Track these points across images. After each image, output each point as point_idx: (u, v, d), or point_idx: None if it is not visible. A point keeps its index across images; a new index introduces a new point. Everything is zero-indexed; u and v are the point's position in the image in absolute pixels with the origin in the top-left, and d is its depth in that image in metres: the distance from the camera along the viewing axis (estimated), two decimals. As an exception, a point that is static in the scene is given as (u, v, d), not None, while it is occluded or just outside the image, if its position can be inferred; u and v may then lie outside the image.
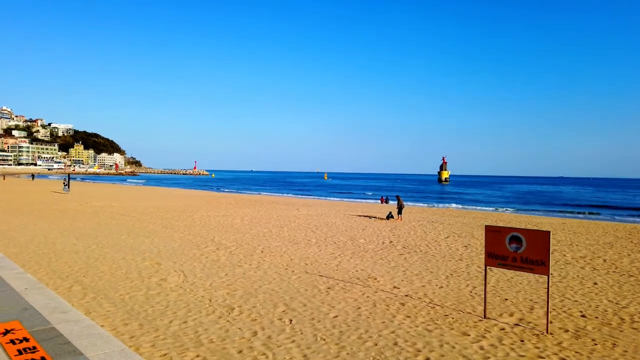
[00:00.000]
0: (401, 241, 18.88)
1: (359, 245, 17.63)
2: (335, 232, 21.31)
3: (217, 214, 28.63)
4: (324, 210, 34.02)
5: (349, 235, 20.17)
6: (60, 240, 16.27)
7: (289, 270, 12.40)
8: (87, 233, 18.39)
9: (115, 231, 19.21)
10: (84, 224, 21.44)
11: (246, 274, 11.69)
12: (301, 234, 20.21)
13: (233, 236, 18.85)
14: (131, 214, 27.40)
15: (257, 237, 18.70)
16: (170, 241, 16.95)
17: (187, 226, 21.86)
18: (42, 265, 11.86)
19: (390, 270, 12.95)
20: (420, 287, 11.03)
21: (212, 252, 14.81)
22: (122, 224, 21.84)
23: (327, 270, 12.52)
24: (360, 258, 14.72)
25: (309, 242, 18.04)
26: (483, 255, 16.04)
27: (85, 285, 9.95)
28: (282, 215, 29.23)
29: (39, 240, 16.11)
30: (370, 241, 18.71)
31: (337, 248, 16.70)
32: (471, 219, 30.57)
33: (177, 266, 12.44)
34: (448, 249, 17.29)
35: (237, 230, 20.91)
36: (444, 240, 19.40)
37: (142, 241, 16.75)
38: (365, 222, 26.47)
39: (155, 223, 22.84)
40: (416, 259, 14.86)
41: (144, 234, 18.58)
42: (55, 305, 7.50)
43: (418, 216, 30.87)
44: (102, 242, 16.10)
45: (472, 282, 11.80)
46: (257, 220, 25.42)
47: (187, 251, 14.91)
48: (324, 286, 10.67)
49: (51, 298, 7.90)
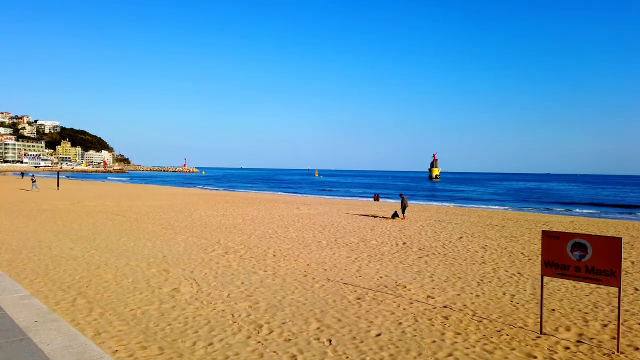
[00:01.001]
0: (414, 242, 18.01)
1: (372, 247, 16.72)
2: (344, 232, 20.38)
3: (216, 214, 27.55)
4: (324, 209, 33.07)
5: (359, 236, 19.25)
6: (55, 244, 15.14)
7: (308, 277, 11.43)
8: (83, 235, 17.26)
9: (113, 233, 18.09)
10: (78, 225, 20.28)
11: (264, 282, 10.70)
12: (309, 235, 19.25)
13: (239, 238, 17.84)
14: (127, 213, 26.24)
15: (264, 239, 17.70)
16: (174, 244, 15.90)
17: (188, 227, 20.79)
18: (39, 274, 10.76)
19: (415, 276, 12.03)
20: (455, 295, 10.12)
21: (221, 257, 13.79)
22: (119, 225, 20.71)
23: (350, 277, 11.57)
24: (379, 262, 13.80)
25: (320, 243, 17.10)
26: (505, 257, 15.23)
27: (90, 298, 8.89)
28: (283, 214, 28.23)
29: (33, 244, 14.97)
30: (383, 242, 17.81)
31: (351, 250, 15.77)
32: (477, 217, 29.80)
33: (187, 273, 11.40)
34: (466, 250, 16.44)
35: (241, 231, 19.89)
36: (458, 242, 18.55)
37: (144, 244, 15.67)
38: (371, 221, 25.58)
39: (154, 224, 21.73)
40: (437, 263, 13.97)
41: (145, 236, 17.49)
42: (78, 349, 5.87)
43: (422, 215, 30.04)
44: (101, 246, 15.00)
45: (507, 288, 10.93)
46: (259, 220, 24.41)
47: (194, 255, 13.88)
48: (353, 296, 9.72)
49: (71, 336, 6.28)
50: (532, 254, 15.96)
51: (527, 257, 15.47)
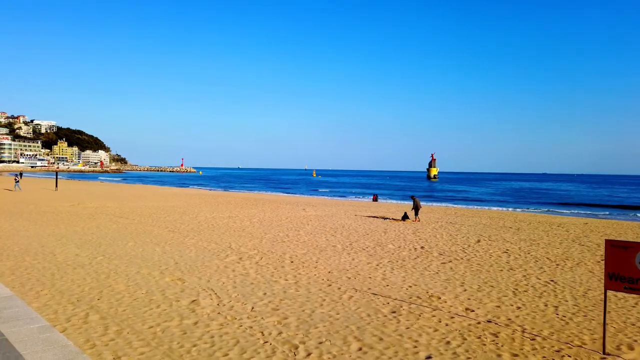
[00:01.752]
0: (433, 246, 17.30)
1: (390, 251, 15.99)
2: (357, 236, 19.65)
3: (222, 215, 26.76)
4: (331, 211, 32.32)
5: (373, 240, 18.51)
6: (59, 250, 14.33)
7: (333, 286, 10.67)
8: (88, 240, 16.46)
9: (119, 237, 17.29)
10: (81, 229, 19.46)
11: (288, 293, 9.93)
12: (322, 239, 18.50)
13: (250, 242, 17.07)
14: (130, 215, 25.42)
15: (276, 243, 16.95)
16: (184, 249, 15.11)
17: (195, 230, 20.00)
18: (46, 285, 9.97)
19: (446, 284, 11.29)
20: (495, 307, 9.37)
21: (237, 263, 13.01)
22: (124, 228, 19.90)
23: (377, 286, 10.81)
24: (402, 268, 13.06)
25: (335, 248, 16.35)
26: (531, 263, 14.55)
27: (104, 313, 8.10)
28: (290, 216, 27.47)
29: (36, 250, 14.15)
30: (400, 247, 17.08)
31: (370, 256, 15.02)
32: (488, 219, 29.11)
33: (204, 283, 10.62)
34: (488, 255, 15.72)
35: (251, 234, 19.13)
36: (477, 245, 17.85)
37: (153, 249, 14.88)
38: (382, 223, 24.85)
39: (159, 226, 20.94)
40: (464, 270, 13.24)
41: (152, 241, 16.70)
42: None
43: (431, 217, 29.33)
44: (108, 252, 14.20)
45: (546, 299, 10.23)
46: (267, 223, 23.64)
47: (208, 262, 13.10)
48: (387, 309, 8.96)
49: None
50: (558, 259, 15.27)
51: (554, 262, 14.77)
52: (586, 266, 14.24)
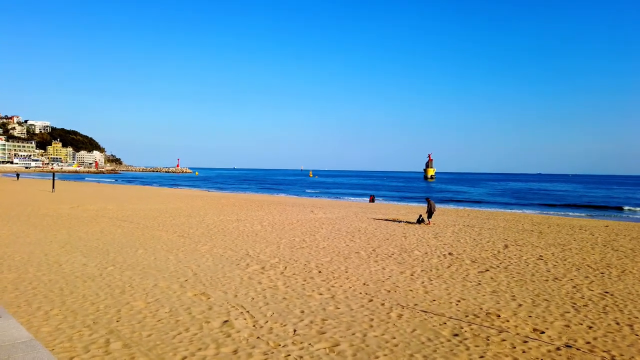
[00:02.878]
0: (460, 252, 16.28)
1: (418, 258, 14.92)
2: (377, 240, 18.59)
3: (229, 218, 25.59)
4: (341, 213, 31.21)
5: (396, 245, 17.45)
6: (65, 259, 13.12)
7: (376, 302, 9.54)
8: (94, 247, 15.26)
9: (127, 244, 16.10)
10: (85, 234, 18.25)
11: (328, 311, 8.79)
12: (341, 244, 17.40)
13: (267, 248, 15.94)
14: (133, 219, 24.21)
15: (296, 249, 15.84)
16: (199, 257, 13.96)
17: (206, 235, 18.84)
18: (55, 303, 8.78)
19: (496, 298, 10.21)
20: (565, 327, 8.31)
21: (260, 274, 11.87)
22: (130, 233, 18.71)
23: (423, 302, 9.71)
24: (440, 279, 11.99)
25: (359, 255, 15.26)
26: (574, 271, 13.61)
27: (127, 340, 6.94)
28: (301, 219, 26.33)
29: (39, 259, 12.94)
30: (427, 253, 16.02)
31: (399, 264, 13.94)
32: (504, 222, 28.09)
33: (231, 298, 9.47)
34: (524, 263, 14.68)
35: (265, 240, 17.99)
36: (507, 251, 16.87)
37: (166, 258, 13.70)
38: (398, 227, 23.78)
39: (167, 231, 19.75)
40: (506, 280, 12.18)
41: (163, 247, 15.53)
42: None
43: (444, 219, 28.31)
44: (118, 261, 13.01)
45: (614, 315, 9.29)
46: (279, 226, 22.50)
47: (228, 272, 11.94)
48: (447, 331, 7.85)
49: None
50: (600, 267, 14.26)
51: (597, 270, 13.77)
52: (633, 275, 13.23)
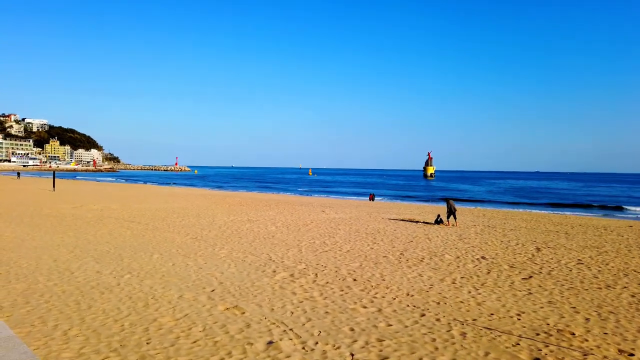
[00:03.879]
0: (493, 256, 15.39)
1: (452, 263, 13.98)
2: (401, 243, 17.67)
3: (240, 219, 24.56)
4: (352, 213, 30.20)
5: (423, 249, 16.50)
6: (76, 265, 12.07)
7: (429, 317, 8.53)
8: (104, 251, 14.21)
9: (139, 247, 15.07)
10: (93, 236, 17.19)
11: (380, 328, 7.77)
12: (365, 247, 16.42)
13: (289, 252, 14.95)
14: (140, 219, 23.16)
15: (319, 253, 14.87)
16: (220, 263, 12.94)
17: (220, 237, 17.84)
18: (73, 320, 7.72)
19: (558, 311, 9.25)
20: (651, 347, 7.24)
21: (292, 282, 10.86)
22: (141, 236, 17.66)
23: (480, 316, 8.71)
24: (485, 287, 11.05)
25: (388, 259, 14.28)
26: (623, 278, 12.71)
27: (163, 368, 5.87)
28: (314, 219, 25.34)
29: (49, 266, 11.88)
30: (459, 257, 15.05)
31: (434, 270, 12.94)
32: (523, 222, 27.13)
33: (267, 312, 8.43)
34: (567, 268, 13.76)
35: (284, 242, 17.01)
36: (541, 254, 16.03)
37: (185, 264, 12.66)
38: (417, 228, 22.83)
39: (179, 233, 18.72)
40: (555, 287, 11.25)
41: (179, 252, 14.51)
42: None
43: (462, 220, 27.52)
44: (134, 268, 11.96)
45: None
46: (294, 227, 21.51)
47: (256, 280, 10.92)
48: (525, 354, 6.91)
49: None
50: (650, 273, 13.25)
51: (649, 277, 12.72)
52: (689, 282, 12.21)
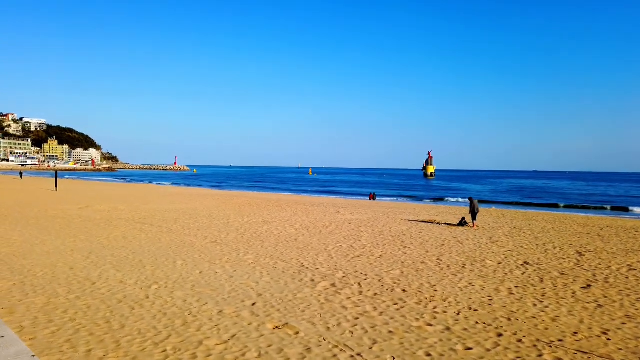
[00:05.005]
0: (536, 261, 14.46)
1: (497, 270, 13.06)
2: (433, 247, 16.72)
3: (255, 220, 23.51)
4: (369, 214, 29.16)
5: (459, 253, 15.54)
6: (96, 274, 10.98)
7: (508, 337, 7.50)
8: (123, 257, 13.13)
9: (158, 253, 14.00)
10: (107, 240, 16.11)
11: (460, 353, 6.77)
12: (398, 252, 15.39)
13: (319, 257, 13.94)
14: (152, 221, 22.08)
15: (351, 259, 13.92)
16: (250, 270, 11.90)
17: (240, 240, 16.83)
18: (107, 344, 6.64)
19: None
20: None
21: (337, 294, 9.83)
22: (157, 239, 16.60)
23: (564, 335, 7.80)
24: (547, 299, 10.13)
25: (428, 266, 13.26)
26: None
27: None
28: (332, 221, 24.31)
29: (66, 275, 10.79)
30: (500, 262, 14.07)
31: (482, 277, 11.93)
32: (548, 222, 26.14)
33: (324, 331, 7.38)
34: (622, 275, 12.79)
35: (310, 246, 16.03)
36: (586, 260, 15.08)
37: (212, 271, 11.61)
38: (443, 230, 21.84)
39: (196, 236, 17.66)
40: (622, 298, 10.41)
41: (202, 257, 13.47)
42: None
43: (484, 221, 26.51)
44: (159, 277, 10.89)
45: None
46: (314, 229, 20.48)
47: (297, 292, 9.87)
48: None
49: None
50: None
51: None
52: None
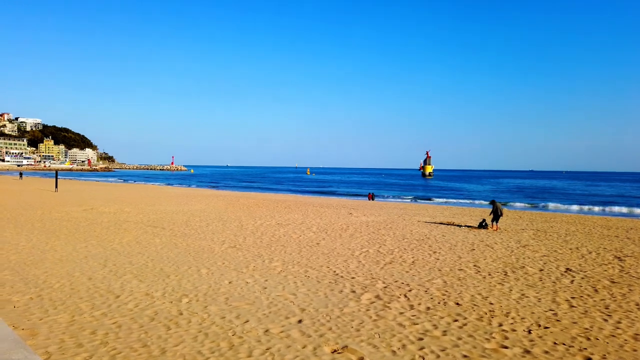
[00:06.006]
0: (578, 268, 13.71)
1: (542, 278, 12.32)
2: (464, 252, 15.97)
3: (268, 223, 22.62)
4: (383, 215, 28.29)
5: (494, 259, 14.80)
6: (118, 285, 10.03)
7: (598, 360, 6.53)
8: (142, 265, 12.21)
9: (178, 260, 13.10)
10: (120, 245, 15.17)
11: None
12: (430, 258, 14.58)
13: (350, 264, 13.19)
14: (163, 224, 21.14)
15: (384, 266, 13.18)
16: (283, 280, 11.03)
17: (260, 245, 15.96)
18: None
19: None
20: None
21: (387, 309, 8.98)
22: (173, 245, 15.68)
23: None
24: (617, 314, 9.35)
25: (467, 273, 12.55)
26: None
27: None
28: (348, 223, 23.46)
29: (86, 287, 9.83)
30: (541, 270, 13.34)
31: (530, 287, 11.16)
32: (569, 224, 25.34)
33: (390, 356, 6.57)
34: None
35: (335, 252, 15.23)
36: (630, 265, 14.17)
37: (243, 281, 10.71)
38: (465, 233, 21.07)
39: (212, 240, 16.75)
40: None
41: (227, 265, 12.61)
42: None
43: (504, 223, 25.42)
44: (187, 288, 9.98)
45: None
46: (332, 232, 19.64)
47: (342, 306, 9.02)
48: None
49: None
50: None
51: None
52: None
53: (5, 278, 10.38)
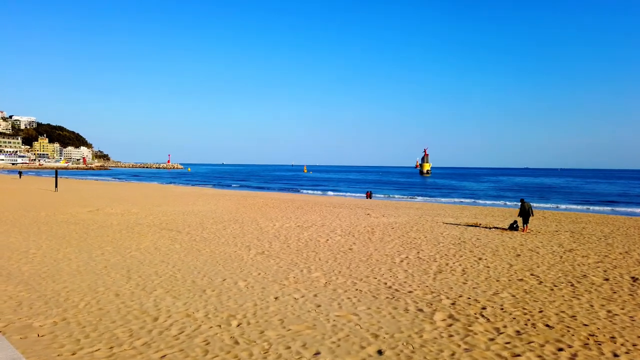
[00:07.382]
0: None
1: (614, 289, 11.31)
2: (511, 259, 14.98)
3: (287, 225, 21.39)
4: (403, 216, 27.06)
5: (547, 265, 13.66)
6: (150, 303, 8.70)
7: None
8: (170, 276, 10.88)
9: (206, 269, 11.83)
10: (138, 252, 13.86)
11: None
12: (479, 266, 13.44)
13: (398, 275, 12.03)
14: (178, 227, 19.82)
15: (434, 276, 12.09)
16: (334, 296, 9.84)
17: (289, 252, 14.78)
18: None
19: None
20: None
21: (470, 332, 7.77)
22: (195, 250, 14.41)
23: None
24: None
25: (527, 283, 11.56)
26: None
27: None
28: (371, 224, 22.31)
29: (115, 305, 8.51)
30: (605, 279, 12.24)
31: (608, 300, 10.15)
32: (600, 225, 24.24)
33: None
34: None
35: (372, 258, 14.16)
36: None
37: (291, 296, 9.48)
38: (500, 236, 20.01)
39: (236, 245, 15.48)
40: None
41: (263, 276, 11.38)
42: None
43: (531, 223, 24.21)
44: (230, 306, 8.71)
45: None
46: (359, 236, 18.49)
47: (417, 329, 7.83)
48: None
49: None
50: None
51: None
52: None
53: (21, 296, 9.02)
